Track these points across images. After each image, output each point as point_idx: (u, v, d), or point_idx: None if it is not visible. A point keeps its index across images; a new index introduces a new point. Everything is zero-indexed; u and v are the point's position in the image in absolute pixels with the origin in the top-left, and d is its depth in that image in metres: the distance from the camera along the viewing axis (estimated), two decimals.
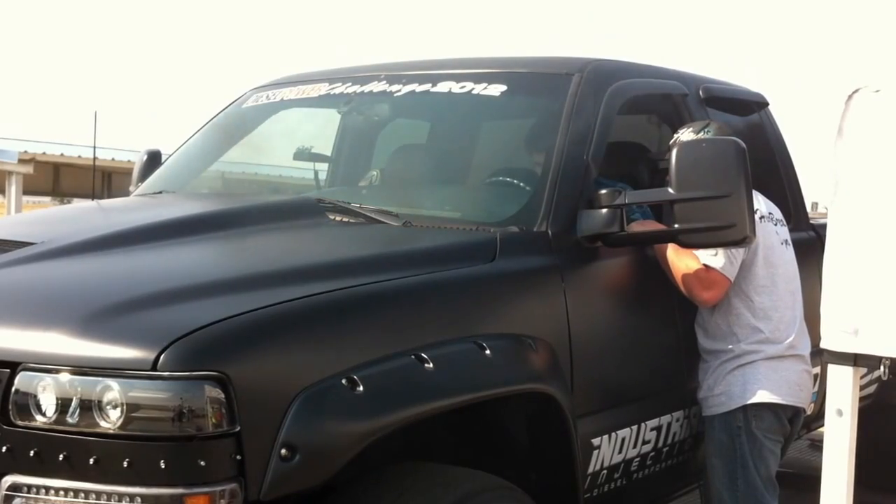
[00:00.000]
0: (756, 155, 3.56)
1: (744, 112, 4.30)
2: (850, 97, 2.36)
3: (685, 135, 3.55)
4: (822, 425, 3.47)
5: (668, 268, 3.41)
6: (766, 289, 3.48)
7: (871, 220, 2.29)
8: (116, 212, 3.60)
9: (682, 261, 3.36)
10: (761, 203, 3.54)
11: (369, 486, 2.40)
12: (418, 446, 2.68)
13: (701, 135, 3.51)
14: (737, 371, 3.44)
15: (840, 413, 2.35)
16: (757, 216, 3.43)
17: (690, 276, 3.36)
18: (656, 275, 3.44)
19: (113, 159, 20.26)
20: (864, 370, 2.49)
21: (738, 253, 3.39)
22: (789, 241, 3.66)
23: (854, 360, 2.33)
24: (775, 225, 3.60)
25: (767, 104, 4.46)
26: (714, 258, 3.34)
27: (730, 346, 3.47)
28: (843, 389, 2.35)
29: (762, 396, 3.42)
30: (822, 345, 2.33)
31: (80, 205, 3.81)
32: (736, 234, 2.96)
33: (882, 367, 2.39)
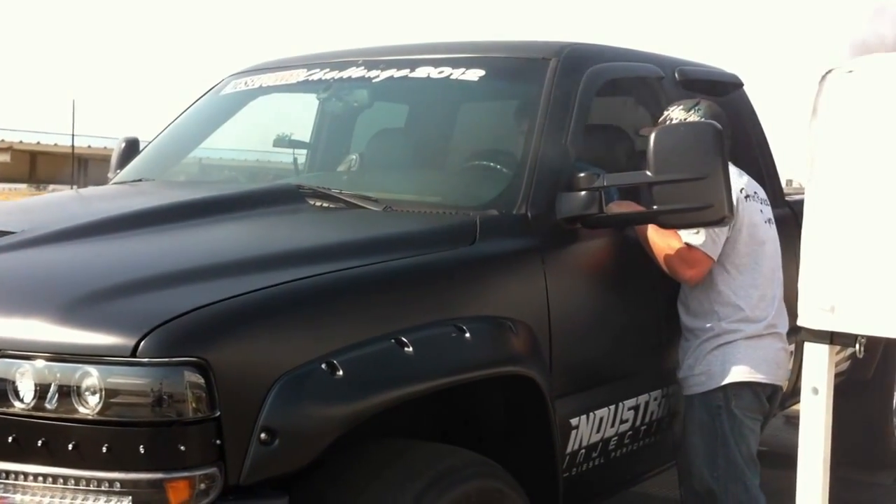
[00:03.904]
0: (732, 134, 3.60)
1: (719, 93, 4.32)
2: (823, 77, 2.37)
3: (675, 112, 3.59)
4: (798, 402, 3.52)
5: (649, 247, 3.43)
6: (747, 267, 3.51)
7: (847, 198, 2.31)
8: (96, 200, 3.59)
9: (664, 240, 3.38)
10: (747, 182, 3.58)
11: (348, 462, 2.41)
12: (397, 429, 2.69)
13: (691, 112, 3.56)
14: (717, 351, 3.47)
15: (816, 391, 2.36)
16: (743, 195, 3.48)
17: (672, 255, 3.39)
18: (635, 256, 3.46)
19: (90, 146, 20.16)
20: (839, 348, 2.51)
21: (721, 231, 3.41)
22: (772, 220, 3.69)
23: (830, 338, 2.35)
24: (760, 204, 3.63)
25: (742, 85, 4.50)
26: (696, 236, 3.37)
27: (710, 325, 3.50)
28: (819, 367, 2.36)
29: (741, 375, 3.45)
30: (799, 322, 2.35)
31: (59, 193, 3.79)
32: (714, 215, 2.98)
33: (857, 345, 2.40)
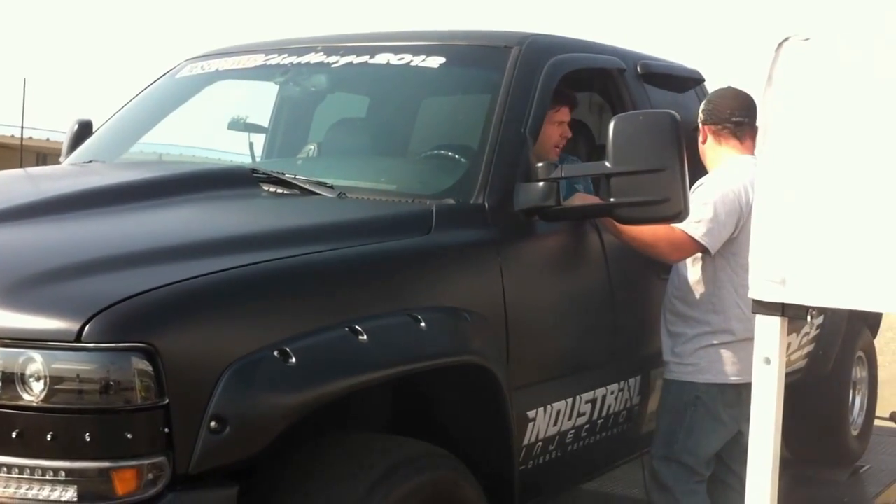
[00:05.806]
0: (691, 129, 3.60)
1: (680, 88, 4.33)
2: (779, 45, 2.34)
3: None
4: None
5: (622, 231, 3.37)
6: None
7: (799, 169, 2.29)
8: (44, 179, 3.51)
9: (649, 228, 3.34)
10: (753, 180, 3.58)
11: (302, 454, 2.38)
12: (351, 419, 2.66)
13: None
14: (711, 348, 3.49)
15: (768, 361, 2.35)
16: None
17: (661, 236, 3.37)
18: (593, 248, 3.45)
19: (48, 140, 19.83)
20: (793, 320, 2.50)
21: (726, 227, 3.40)
22: None
23: (782, 309, 2.34)
24: None
25: (703, 80, 4.52)
26: (697, 225, 3.35)
27: (708, 318, 3.50)
28: (770, 338, 2.35)
29: (730, 377, 3.49)
30: (750, 295, 2.35)
31: (5, 172, 3.69)
32: (670, 209, 2.97)
33: (809, 318, 2.40)
